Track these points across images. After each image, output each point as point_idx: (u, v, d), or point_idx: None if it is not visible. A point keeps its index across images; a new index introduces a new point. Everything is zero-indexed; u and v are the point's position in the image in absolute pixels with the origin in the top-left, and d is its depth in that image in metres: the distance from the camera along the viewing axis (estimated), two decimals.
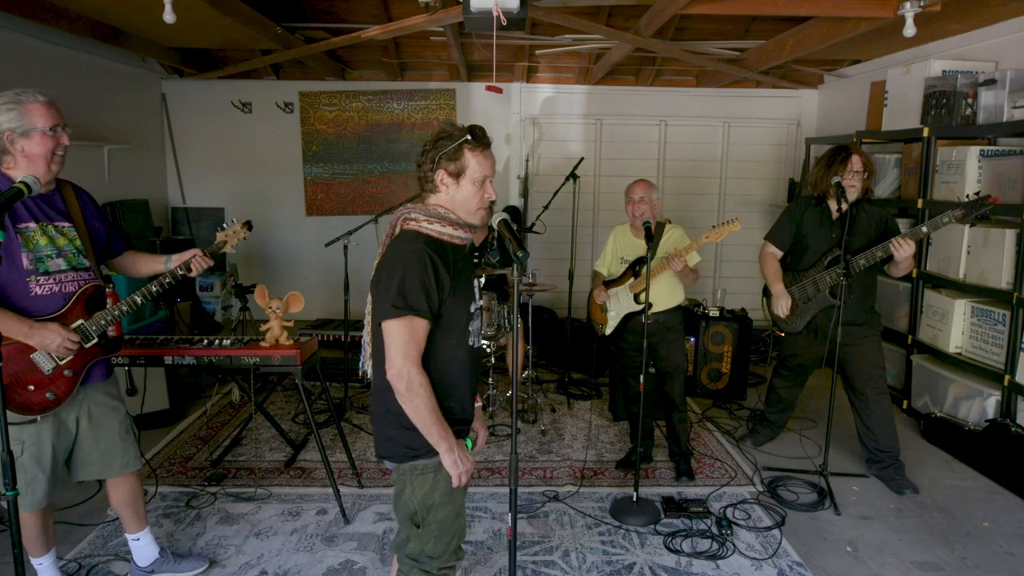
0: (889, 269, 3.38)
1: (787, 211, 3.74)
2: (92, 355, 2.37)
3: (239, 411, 4.55)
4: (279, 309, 3.11)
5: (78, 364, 2.33)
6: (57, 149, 2.26)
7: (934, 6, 3.53)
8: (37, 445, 2.31)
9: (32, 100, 2.20)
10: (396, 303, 1.79)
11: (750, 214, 6.62)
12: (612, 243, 3.73)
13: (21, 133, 2.17)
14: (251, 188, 6.53)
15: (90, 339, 2.34)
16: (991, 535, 3.13)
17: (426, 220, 1.90)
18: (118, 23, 4.57)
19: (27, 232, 2.23)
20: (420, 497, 1.93)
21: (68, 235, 2.34)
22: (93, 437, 2.46)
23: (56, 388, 2.29)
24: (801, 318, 3.62)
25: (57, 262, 2.29)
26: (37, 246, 2.25)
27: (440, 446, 1.86)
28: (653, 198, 3.46)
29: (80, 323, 2.32)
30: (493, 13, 3.18)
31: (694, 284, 3.53)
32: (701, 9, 3.78)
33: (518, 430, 2.84)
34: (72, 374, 2.32)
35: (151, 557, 2.72)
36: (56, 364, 2.28)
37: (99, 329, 2.35)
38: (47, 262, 2.26)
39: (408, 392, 1.81)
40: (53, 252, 2.28)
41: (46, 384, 2.27)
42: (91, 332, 2.33)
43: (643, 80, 6.44)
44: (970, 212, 3.13)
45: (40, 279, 2.25)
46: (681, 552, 2.96)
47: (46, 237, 2.27)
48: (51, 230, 2.29)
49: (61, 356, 2.27)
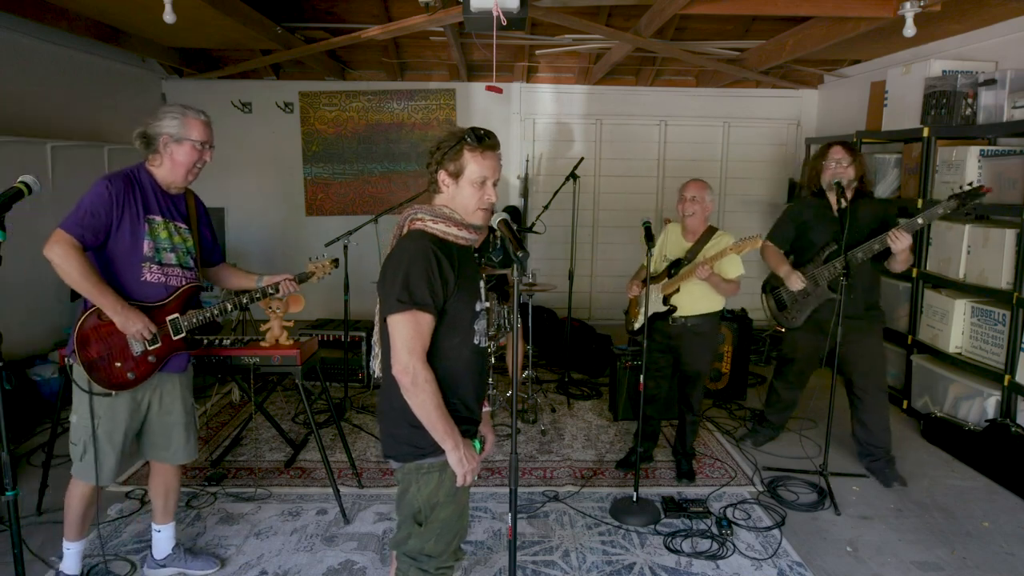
0: (888, 264, 3.39)
1: (787, 211, 3.77)
2: (175, 347, 2.53)
3: (239, 411, 4.55)
4: (279, 309, 3.12)
5: (162, 352, 2.49)
6: (198, 162, 2.49)
7: (934, 6, 3.53)
8: (111, 421, 2.46)
9: (194, 116, 2.46)
10: (401, 297, 1.80)
11: (750, 214, 6.63)
12: (661, 240, 3.64)
13: (176, 140, 2.42)
14: (251, 188, 6.54)
15: (179, 332, 2.51)
16: (991, 535, 3.13)
17: (431, 220, 1.91)
18: (118, 23, 4.57)
19: (154, 223, 2.44)
20: (425, 496, 1.93)
21: (183, 235, 2.55)
22: (160, 421, 2.59)
23: (137, 369, 2.44)
24: (801, 313, 3.62)
25: (170, 256, 2.49)
26: (159, 238, 2.45)
27: (445, 443, 1.86)
28: (707, 199, 3.39)
29: (175, 317, 2.50)
30: (493, 13, 3.18)
31: (733, 295, 3.41)
32: (701, 9, 3.78)
33: (518, 430, 2.85)
34: (154, 360, 2.47)
35: (166, 551, 2.78)
36: (145, 348, 2.43)
37: (190, 326, 2.53)
38: (162, 254, 2.47)
39: (413, 387, 1.82)
40: (168, 246, 2.48)
41: (131, 364, 2.43)
42: (181, 326, 2.51)
43: (643, 80, 6.44)
44: (964, 202, 3.14)
45: (153, 267, 2.44)
46: (681, 552, 2.96)
47: (167, 232, 2.48)
48: (172, 227, 2.50)
49: (135, 341, 2.41)
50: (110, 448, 2.45)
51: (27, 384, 4.10)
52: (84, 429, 2.41)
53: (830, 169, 3.43)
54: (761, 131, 6.66)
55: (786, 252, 3.70)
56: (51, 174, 4.55)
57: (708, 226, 3.47)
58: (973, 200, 3.14)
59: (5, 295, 4.08)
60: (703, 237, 3.44)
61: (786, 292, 3.66)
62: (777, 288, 3.75)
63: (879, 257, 3.37)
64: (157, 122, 2.42)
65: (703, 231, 3.45)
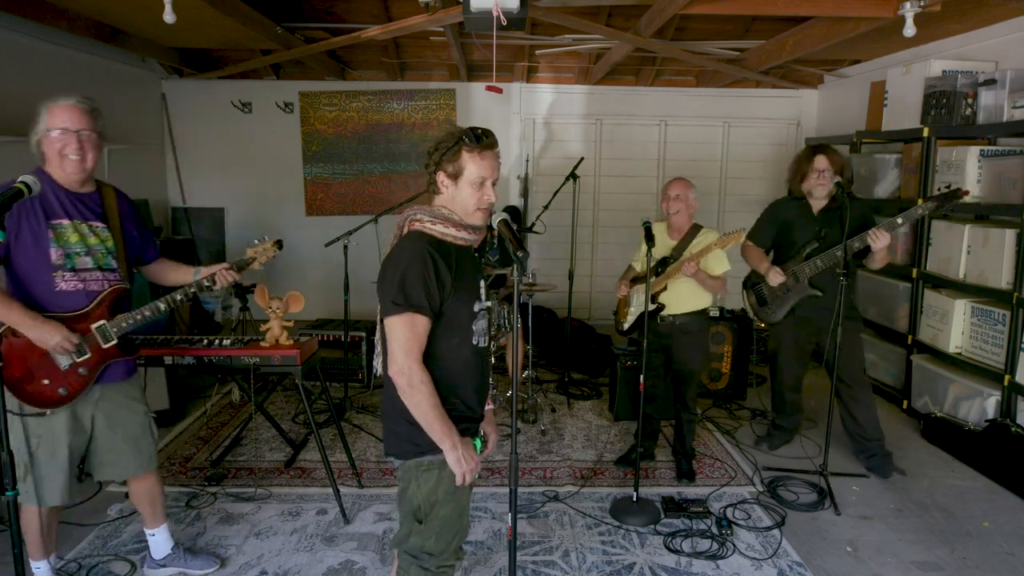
0: (867, 262, 3.50)
1: (767, 212, 3.88)
2: (109, 355, 2.39)
3: (239, 411, 4.55)
4: (279, 309, 3.12)
5: (93, 363, 2.35)
6: (67, 149, 2.26)
7: (934, 6, 3.53)
8: (52, 441, 2.34)
9: (57, 103, 2.28)
10: (397, 300, 1.81)
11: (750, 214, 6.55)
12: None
13: (45, 134, 2.27)
14: (251, 188, 6.53)
15: (109, 340, 2.36)
16: (991, 535, 3.13)
17: (430, 221, 1.91)
18: (118, 23, 4.57)
19: (59, 228, 2.29)
20: (424, 493, 1.93)
21: (100, 235, 2.38)
22: (109, 436, 2.48)
23: (69, 384, 2.31)
24: (781, 308, 3.70)
25: (85, 260, 2.33)
26: (67, 243, 2.30)
27: (443, 444, 1.87)
28: (691, 197, 3.45)
29: (102, 323, 2.35)
30: (493, 13, 3.17)
31: (720, 292, 3.47)
32: (701, 9, 3.78)
33: (518, 430, 2.85)
34: (86, 372, 2.34)
35: (164, 552, 2.76)
36: (73, 361, 2.30)
37: (120, 331, 2.38)
38: (75, 259, 2.31)
39: (410, 388, 1.83)
40: (82, 250, 2.33)
41: (60, 379, 2.30)
42: (111, 333, 2.36)
43: (643, 80, 6.44)
44: (942, 204, 3.31)
45: (66, 275, 2.29)
46: (681, 552, 2.96)
47: (77, 235, 2.32)
48: (84, 228, 2.34)
49: (59, 355, 2.27)
50: (55, 467, 2.33)
51: None
52: (20, 452, 2.25)
53: (811, 180, 3.56)
54: (761, 131, 6.66)
55: (767, 251, 3.81)
56: None
57: (693, 224, 3.51)
58: (951, 201, 3.30)
59: None
60: (688, 235, 3.48)
61: (766, 288, 3.75)
62: (758, 284, 3.83)
63: (857, 255, 3.50)
64: (35, 125, 2.28)
65: (688, 229, 3.50)
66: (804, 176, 3.60)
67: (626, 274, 3.74)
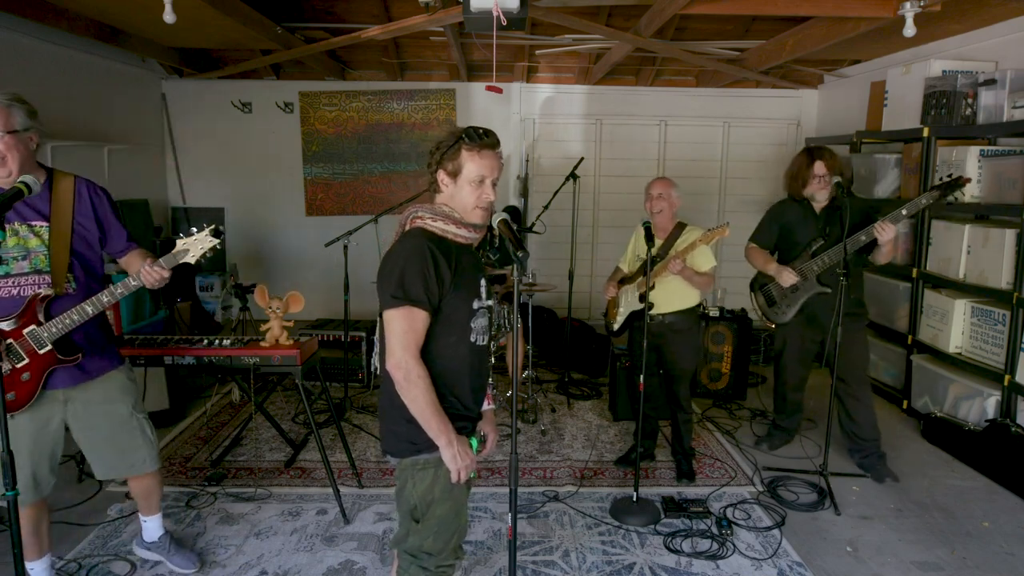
0: (873, 257, 3.49)
1: (769, 213, 3.88)
2: (48, 361, 2.31)
3: (239, 411, 4.55)
4: (279, 309, 3.12)
5: (35, 368, 2.29)
6: None
7: (934, 6, 3.53)
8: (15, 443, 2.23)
9: None
10: (396, 293, 1.82)
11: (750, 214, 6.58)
12: (633, 240, 3.73)
13: None
14: (251, 188, 6.53)
15: (43, 345, 2.28)
16: (991, 535, 3.13)
17: (431, 218, 1.93)
18: (118, 23, 4.57)
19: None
20: (420, 492, 1.94)
21: (42, 235, 2.28)
22: (88, 439, 2.47)
23: (16, 390, 2.27)
24: (791, 308, 3.70)
25: (21, 265, 2.26)
26: (4, 248, 2.23)
27: (439, 439, 1.87)
28: (673, 196, 3.47)
29: (32, 328, 2.26)
30: (493, 13, 3.17)
31: (708, 289, 3.50)
32: (701, 9, 3.78)
33: (518, 430, 2.85)
34: (29, 377, 2.29)
35: (154, 537, 2.81)
36: (11, 367, 2.25)
37: (52, 335, 2.28)
38: (10, 264, 2.24)
39: (406, 383, 1.83)
40: (20, 254, 2.25)
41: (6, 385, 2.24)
42: (43, 339, 2.28)
43: (643, 80, 6.43)
44: (945, 192, 3.28)
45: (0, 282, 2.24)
46: (681, 552, 2.96)
47: (16, 238, 2.25)
48: (23, 230, 2.26)
49: None
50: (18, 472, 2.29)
51: None
52: None
53: (813, 185, 3.57)
54: (761, 131, 6.66)
55: (770, 252, 3.81)
56: None
57: (677, 222, 3.53)
58: (954, 190, 3.27)
59: None
60: (673, 233, 3.50)
61: (775, 288, 3.74)
62: (766, 285, 3.82)
63: (863, 250, 3.48)
64: None
65: (672, 227, 3.52)
66: (805, 183, 3.60)
67: (614, 275, 3.77)
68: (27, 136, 2.26)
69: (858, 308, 3.63)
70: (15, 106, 2.23)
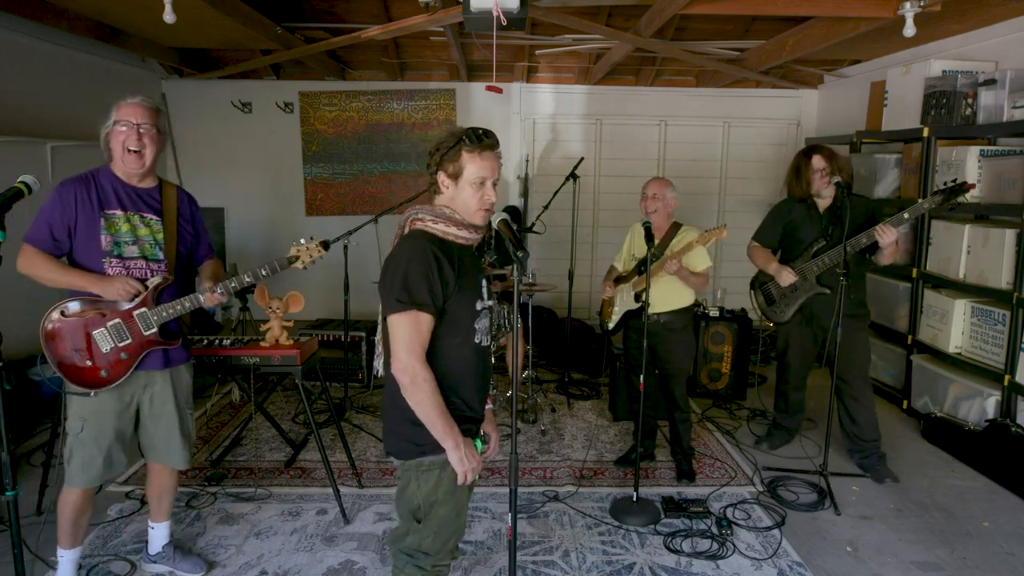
0: (875, 258, 3.49)
1: (772, 212, 3.88)
2: (149, 343, 2.47)
3: (239, 411, 4.55)
4: (279, 309, 3.12)
5: (134, 348, 2.44)
6: (128, 142, 2.37)
7: (934, 6, 3.53)
8: (98, 423, 2.44)
9: (124, 102, 2.41)
10: (400, 297, 1.81)
11: (750, 214, 6.61)
12: (628, 240, 3.75)
13: (109, 129, 2.41)
14: (251, 188, 6.53)
15: (150, 327, 2.44)
16: (991, 535, 3.13)
17: (432, 220, 1.92)
18: (118, 23, 4.57)
19: (112, 217, 2.41)
20: (424, 493, 1.93)
21: (152, 227, 2.48)
22: (152, 423, 2.58)
23: (110, 368, 2.41)
24: (789, 307, 3.71)
25: (132, 249, 2.44)
26: (118, 231, 2.41)
27: (446, 442, 1.86)
28: (668, 196, 3.48)
29: (143, 311, 2.43)
30: (493, 13, 3.17)
31: (702, 289, 3.52)
32: (701, 9, 3.78)
33: (518, 430, 2.85)
34: (127, 357, 2.43)
35: (157, 548, 2.80)
36: (114, 344, 2.40)
37: (159, 320, 2.45)
38: (123, 247, 2.42)
39: (412, 386, 1.83)
40: (130, 239, 2.43)
41: (103, 362, 2.40)
42: (151, 321, 2.44)
43: (643, 80, 6.43)
44: (948, 197, 3.25)
45: (113, 261, 2.40)
46: (681, 552, 2.96)
47: (128, 225, 2.43)
48: (136, 219, 2.45)
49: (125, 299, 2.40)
50: (96, 451, 2.44)
51: (27, 384, 4.09)
52: (68, 433, 2.43)
53: (816, 182, 3.56)
54: (761, 131, 6.66)
55: (773, 251, 3.81)
56: (51, 174, 4.54)
57: (672, 222, 3.54)
58: (957, 195, 3.24)
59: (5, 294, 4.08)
60: (668, 233, 3.52)
61: (774, 287, 3.75)
62: (765, 284, 3.83)
63: (865, 251, 3.48)
64: (105, 123, 2.43)
65: (668, 227, 3.53)
66: (809, 181, 3.58)
67: (609, 275, 3.78)
68: (162, 141, 2.49)
69: (860, 309, 3.64)
70: (161, 111, 2.49)
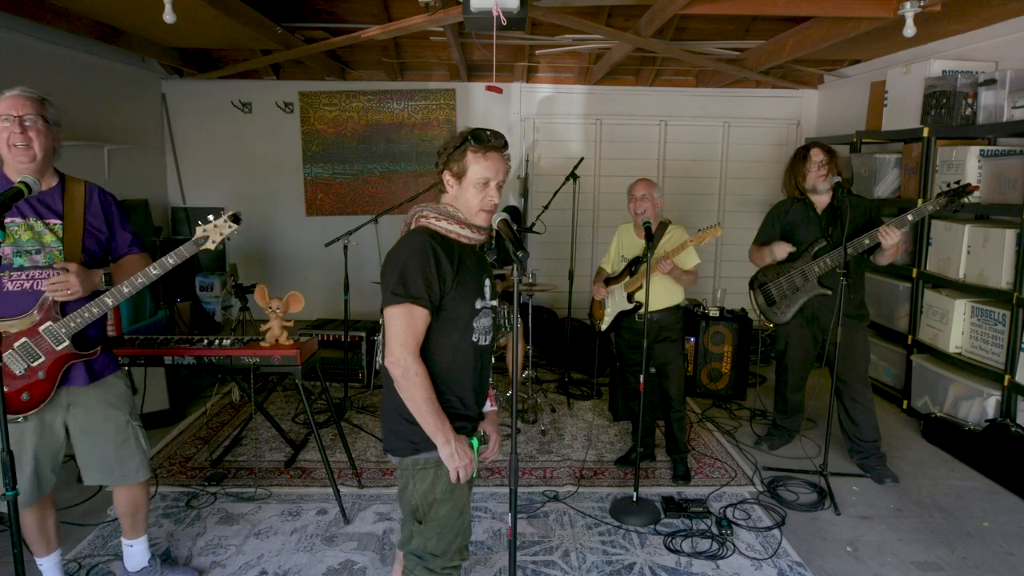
0: (875, 258, 3.49)
1: (771, 213, 3.88)
2: (65, 358, 2.30)
3: (239, 411, 4.55)
4: (279, 309, 3.12)
5: (50, 366, 2.28)
6: (12, 138, 2.18)
7: (934, 6, 3.53)
8: (19, 446, 2.27)
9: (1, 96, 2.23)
10: (396, 290, 1.83)
11: (750, 214, 6.62)
12: (616, 241, 3.76)
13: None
14: (251, 188, 6.53)
15: (61, 341, 2.27)
16: (991, 535, 3.13)
17: (435, 217, 1.93)
18: (118, 23, 4.57)
19: (10, 227, 2.22)
20: (421, 492, 1.94)
21: (57, 232, 2.30)
22: (86, 443, 2.42)
23: (30, 390, 2.26)
24: (790, 307, 3.70)
25: (35, 258, 2.25)
26: (18, 240, 2.24)
27: (436, 438, 1.87)
28: (655, 196, 3.48)
29: (48, 325, 2.25)
30: (493, 13, 3.18)
31: (692, 286, 3.54)
32: (701, 9, 3.78)
33: (518, 430, 2.85)
34: (45, 376, 2.28)
35: (140, 565, 2.69)
36: (27, 365, 2.24)
37: (69, 331, 2.28)
38: (24, 257, 2.24)
39: (404, 380, 1.83)
40: (34, 248, 2.26)
41: (21, 385, 2.25)
42: (60, 335, 2.27)
43: (643, 80, 6.43)
44: (952, 200, 3.27)
45: (13, 274, 2.23)
46: (681, 552, 2.96)
47: (31, 232, 2.26)
48: (39, 225, 2.27)
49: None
50: (20, 475, 2.19)
51: None
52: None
53: (812, 175, 3.56)
54: (761, 131, 6.66)
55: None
56: None
57: (660, 221, 3.55)
58: (961, 197, 3.25)
59: None
60: (656, 232, 3.51)
61: (775, 287, 3.74)
62: (765, 284, 3.81)
63: (866, 251, 3.48)
64: None
65: (656, 227, 3.52)
66: (805, 175, 3.60)
67: (598, 276, 3.79)
68: (54, 132, 2.30)
69: (860, 309, 3.64)
70: (47, 101, 2.30)
